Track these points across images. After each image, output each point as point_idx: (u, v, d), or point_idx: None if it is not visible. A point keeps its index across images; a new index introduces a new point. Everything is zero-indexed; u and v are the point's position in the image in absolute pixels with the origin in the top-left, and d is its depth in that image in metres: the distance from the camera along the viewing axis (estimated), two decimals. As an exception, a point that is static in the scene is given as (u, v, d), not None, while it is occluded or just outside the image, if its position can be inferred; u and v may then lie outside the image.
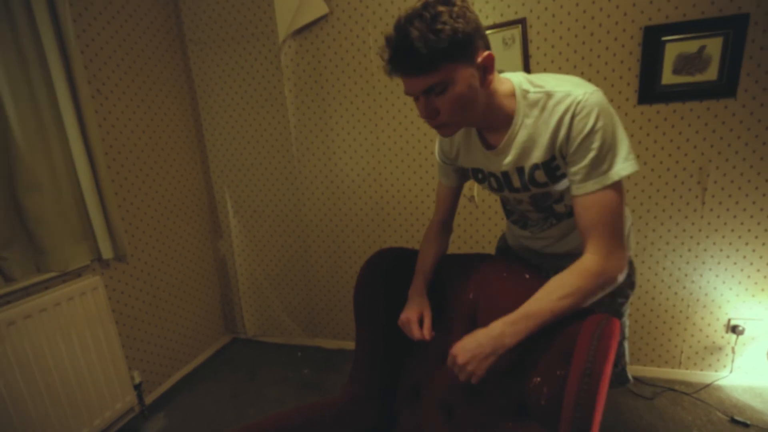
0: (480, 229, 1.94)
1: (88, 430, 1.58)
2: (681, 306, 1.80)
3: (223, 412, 1.86)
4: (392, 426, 1.01)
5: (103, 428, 1.66)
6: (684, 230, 1.72)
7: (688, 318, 1.80)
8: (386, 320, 1.05)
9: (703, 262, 1.73)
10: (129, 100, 1.83)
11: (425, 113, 0.74)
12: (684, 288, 1.78)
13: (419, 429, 0.93)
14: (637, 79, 1.62)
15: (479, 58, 0.70)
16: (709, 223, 1.69)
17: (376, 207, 2.08)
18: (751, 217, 1.64)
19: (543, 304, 0.73)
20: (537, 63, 1.70)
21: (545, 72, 1.63)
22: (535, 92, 0.76)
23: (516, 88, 0.77)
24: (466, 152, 0.92)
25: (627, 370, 1.04)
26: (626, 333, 1.04)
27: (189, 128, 2.20)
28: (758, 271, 1.68)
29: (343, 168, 2.07)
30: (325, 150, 2.08)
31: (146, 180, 1.93)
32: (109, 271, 1.75)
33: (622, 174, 0.70)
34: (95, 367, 1.63)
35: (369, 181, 2.05)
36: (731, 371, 1.79)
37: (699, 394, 1.74)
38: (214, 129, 2.23)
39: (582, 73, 1.66)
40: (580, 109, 0.70)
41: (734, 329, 1.74)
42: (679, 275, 1.77)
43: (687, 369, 1.85)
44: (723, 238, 1.68)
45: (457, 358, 0.76)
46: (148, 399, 1.92)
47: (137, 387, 1.82)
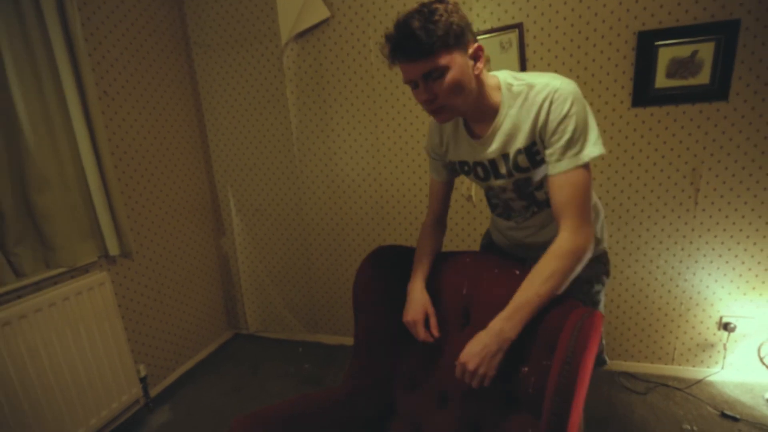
0: (477, 227, 1.98)
1: (96, 420, 1.63)
2: (674, 304, 1.84)
3: (226, 405, 1.91)
4: (391, 414, 1.05)
5: (110, 419, 1.71)
6: (677, 230, 1.76)
7: (681, 315, 1.84)
8: (384, 314, 1.09)
9: (695, 261, 1.77)
10: (135, 101, 1.88)
11: (425, 97, 0.80)
12: (677, 286, 1.81)
13: (416, 416, 0.98)
14: (632, 83, 1.65)
15: (470, 49, 0.80)
16: (701, 223, 1.72)
17: (375, 206, 2.12)
18: (743, 218, 1.67)
19: (529, 293, 0.79)
20: (534, 66, 1.74)
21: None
22: (518, 85, 0.85)
23: (501, 82, 0.87)
24: (454, 146, 1.00)
25: (604, 353, 1.10)
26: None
27: (193, 129, 2.25)
28: (749, 270, 1.71)
29: (344, 168, 2.12)
30: (325, 150, 2.12)
31: (151, 179, 1.97)
32: (116, 267, 1.80)
33: (592, 155, 0.80)
34: (102, 360, 1.67)
35: (369, 180, 2.09)
36: (723, 367, 1.83)
37: (691, 390, 1.78)
38: (217, 129, 2.28)
39: (578, 77, 1.70)
40: (558, 97, 0.79)
41: (726, 326, 1.78)
42: (673, 274, 1.81)
43: (680, 365, 1.89)
44: (715, 237, 1.72)
45: (468, 364, 0.79)
46: (153, 392, 1.97)
47: (143, 380, 1.87)
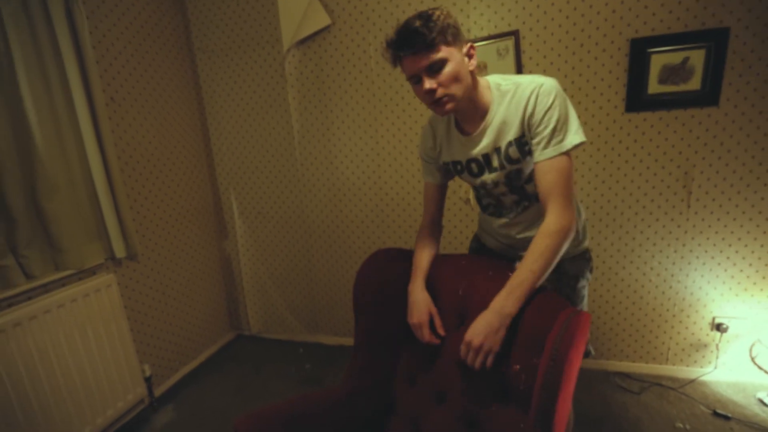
0: (475, 230, 2.01)
1: (102, 419, 1.67)
2: (668, 305, 1.87)
3: (229, 404, 1.95)
4: (391, 412, 1.09)
5: (116, 418, 1.75)
6: (670, 232, 1.80)
7: (674, 316, 1.88)
8: (384, 315, 1.13)
9: (688, 263, 1.81)
10: (140, 106, 1.92)
11: (429, 86, 0.87)
12: (671, 287, 1.85)
13: (415, 413, 1.01)
14: (625, 88, 1.70)
15: (464, 48, 0.90)
16: (694, 226, 1.76)
17: (375, 209, 2.16)
18: (734, 220, 1.71)
19: (523, 271, 0.87)
20: (530, 72, 1.78)
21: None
22: (506, 84, 0.95)
23: (491, 83, 0.97)
24: (447, 147, 1.07)
25: (589, 345, 1.13)
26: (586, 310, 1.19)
27: (196, 133, 2.29)
28: (741, 271, 1.75)
29: (344, 171, 2.16)
30: (327, 154, 2.16)
31: (156, 183, 2.02)
32: (122, 269, 1.84)
33: (574, 143, 0.89)
34: (108, 360, 1.71)
35: (369, 183, 2.13)
36: (716, 367, 1.86)
37: (684, 389, 1.82)
38: (220, 134, 2.32)
39: (572, 82, 1.74)
40: (543, 91, 0.89)
41: (718, 327, 1.81)
42: (666, 275, 1.84)
43: (674, 365, 1.93)
44: (707, 239, 1.76)
45: (473, 341, 0.84)
46: (158, 391, 2.01)
47: (147, 380, 1.91)
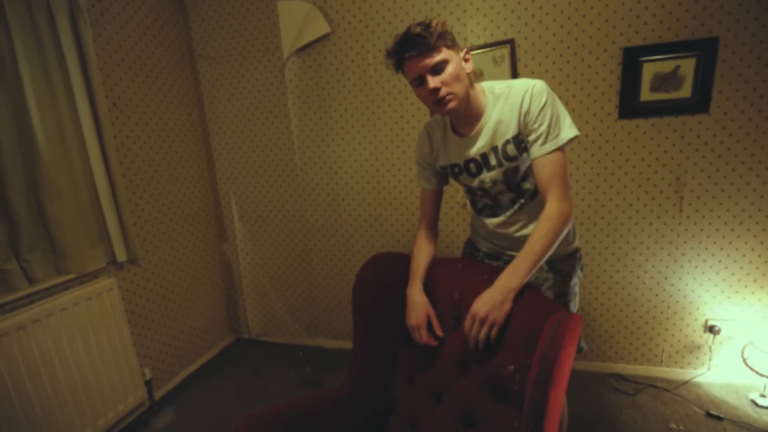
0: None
1: (103, 422, 1.69)
2: (662, 307, 1.90)
3: (229, 407, 1.96)
4: (390, 412, 1.11)
5: (116, 421, 1.76)
6: (663, 236, 1.83)
7: (668, 319, 1.91)
8: (382, 318, 1.16)
9: (681, 266, 1.84)
10: (142, 112, 1.95)
11: (433, 86, 0.93)
12: (664, 290, 1.88)
13: (414, 414, 1.04)
14: (618, 96, 1.74)
15: (461, 52, 0.97)
16: (686, 230, 1.80)
17: (374, 213, 2.19)
18: (725, 224, 1.75)
19: (527, 251, 0.93)
20: (525, 79, 1.82)
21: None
22: (500, 88, 1.02)
23: (485, 88, 1.04)
24: (444, 151, 1.12)
25: (581, 340, 1.16)
26: (578, 307, 1.22)
27: (197, 138, 2.32)
28: (733, 274, 1.79)
29: (343, 176, 2.19)
30: (326, 159, 2.19)
31: (157, 187, 2.04)
32: (123, 273, 1.86)
33: (569, 136, 0.96)
34: (109, 363, 1.73)
35: (368, 188, 2.16)
36: (709, 369, 1.89)
37: (678, 390, 1.85)
38: (221, 139, 2.35)
39: (567, 90, 1.78)
40: (535, 91, 0.96)
41: (711, 329, 1.84)
42: (660, 278, 1.88)
43: (668, 367, 1.95)
44: (700, 243, 1.80)
45: (479, 313, 0.89)
46: (158, 394, 2.02)
47: (148, 383, 1.92)
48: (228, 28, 2.16)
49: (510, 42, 1.77)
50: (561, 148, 0.96)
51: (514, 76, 1.81)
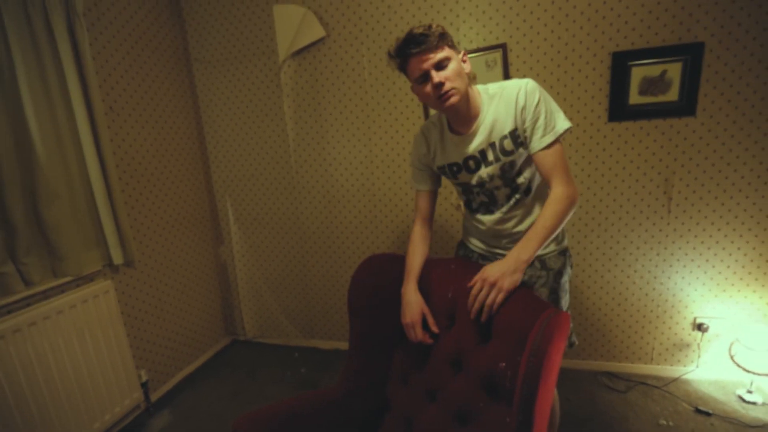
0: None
1: (99, 424, 1.69)
2: (651, 306, 1.94)
3: (225, 409, 1.97)
4: (385, 411, 1.13)
5: (113, 423, 1.76)
6: (653, 236, 1.87)
7: (658, 317, 1.95)
8: (378, 318, 1.18)
9: (670, 266, 1.88)
10: (138, 115, 1.96)
11: (437, 80, 0.98)
12: (654, 289, 1.92)
13: (409, 412, 1.06)
14: (608, 99, 1.78)
15: (460, 54, 1.04)
16: (675, 230, 1.84)
17: (369, 215, 2.21)
18: (712, 224, 1.79)
19: (537, 228, 0.99)
20: (517, 83, 1.85)
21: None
22: (493, 88, 1.09)
23: (480, 89, 1.10)
24: (442, 151, 1.17)
25: (573, 335, 1.21)
26: (569, 303, 1.25)
27: (193, 141, 2.33)
28: (720, 273, 1.83)
29: (339, 178, 2.21)
30: (321, 162, 2.21)
31: (153, 190, 2.05)
32: (119, 275, 1.86)
33: (564, 127, 1.03)
34: (106, 366, 1.73)
35: (363, 190, 2.19)
36: (698, 366, 1.94)
37: (668, 387, 1.88)
38: (216, 142, 2.36)
39: (558, 93, 1.81)
40: (528, 89, 1.02)
41: (700, 327, 1.89)
42: (649, 277, 1.92)
43: (658, 364, 1.99)
44: (687, 243, 1.84)
45: (489, 277, 0.94)
46: (154, 396, 2.02)
47: (144, 385, 1.93)
48: (224, 32, 2.17)
49: (502, 46, 1.81)
50: (558, 139, 1.03)
51: (507, 80, 1.84)
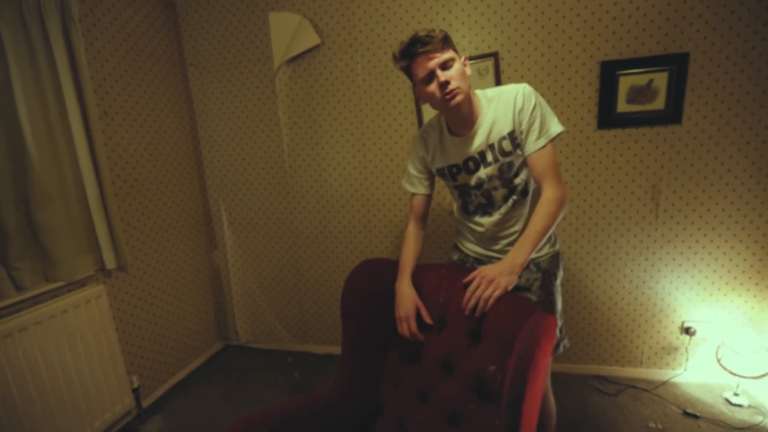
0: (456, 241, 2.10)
1: (90, 430, 1.67)
2: (640, 310, 1.98)
3: (217, 414, 1.96)
4: (378, 414, 1.14)
5: (103, 429, 1.75)
6: (641, 241, 1.91)
7: (647, 321, 1.98)
8: (370, 322, 1.19)
9: (658, 270, 1.92)
10: (133, 120, 1.97)
11: (443, 80, 1.02)
12: (643, 294, 1.96)
13: (401, 414, 1.07)
14: (597, 107, 1.82)
15: (462, 58, 1.08)
16: (662, 235, 1.88)
17: (363, 220, 2.23)
18: (699, 230, 1.83)
19: (530, 232, 1.04)
20: (508, 91, 1.89)
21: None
22: (491, 92, 1.14)
23: (479, 93, 1.15)
24: (441, 153, 1.21)
25: (565, 338, 1.24)
26: (561, 305, 1.27)
27: (187, 146, 2.33)
28: (706, 277, 1.87)
29: (332, 183, 2.23)
30: (315, 167, 2.23)
31: (147, 195, 2.05)
32: (111, 280, 1.85)
33: (558, 131, 1.08)
34: (97, 371, 1.72)
35: (356, 195, 2.20)
36: (686, 369, 1.97)
37: (657, 391, 1.91)
38: (211, 146, 2.37)
39: (548, 101, 1.84)
40: (525, 92, 1.08)
41: (687, 331, 1.92)
42: (638, 282, 1.95)
43: (647, 368, 2.02)
44: (675, 248, 1.88)
45: (487, 275, 0.98)
46: (146, 402, 2.01)
47: (135, 391, 1.91)
48: (219, 38, 2.19)
49: (494, 55, 1.85)
50: (551, 142, 1.08)
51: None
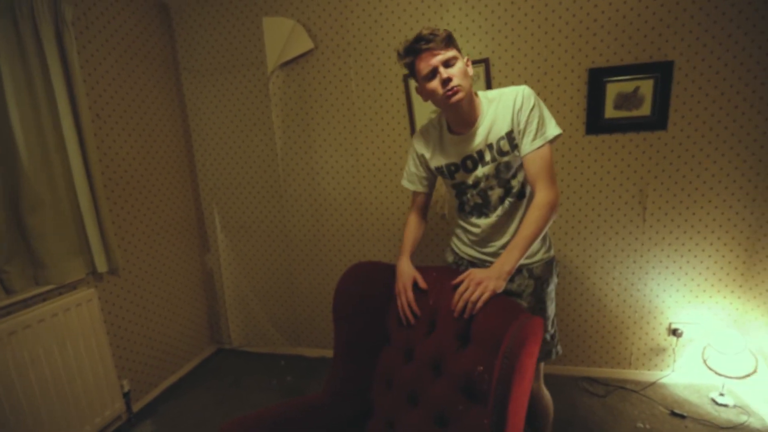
0: (449, 243, 2.12)
1: (80, 435, 1.66)
2: (629, 312, 2.01)
3: (209, 418, 1.95)
4: (369, 414, 1.15)
5: (93, 434, 1.74)
6: (629, 244, 1.94)
7: (635, 323, 2.01)
8: (362, 325, 1.20)
9: (646, 273, 1.95)
10: (126, 123, 1.96)
11: (445, 77, 1.04)
12: (631, 296, 1.99)
13: (392, 415, 1.08)
14: (585, 113, 1.85)
15: (464, 59, 1.10)
16: (650, 238, 1.91)
17: (355, 223, 2.24)
18: (685, 233, 1.87)
19: (519, 238, 1.05)
20: (499, 96, 1.92)
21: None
22: (492, 94, 1.16)
23: (480, 94, 1.18)
24: (440, 151, 1.23)
25: (558, 345, 1.27)
26: (555, 311, 1.29)
27: (180, 149, 2.33)
28: (692, 280, 1.91)
29: (326, 187, 2.24)
30: (309, 171, 2.24)
31: (139, 197, 2.04)
32: (103, 283, 1.85)
33: (555, 133, 1.09)
34: (87, 376, 1.71)
35: (349, 199, 2.22)
36: (673, 370, 2.00)
37: (645, 391, 1.94)
38: (204, 150, 2.37)
39: (538, 106, 1.88)
40: (525, 94, 1.10)
41: (675, 332, 1.95)
42: (627, 284, 1.98)
43: (636, 369, 2.05)
44: (662, 251, 1.91)
45: (475, 277, 1.00)
46: (136, 407, 1.99)
47: (126, 395, 1.90)
48: (213, 42, 2.20)
49: (485, 61, 1.88)
50: (548, 144, 1.09)
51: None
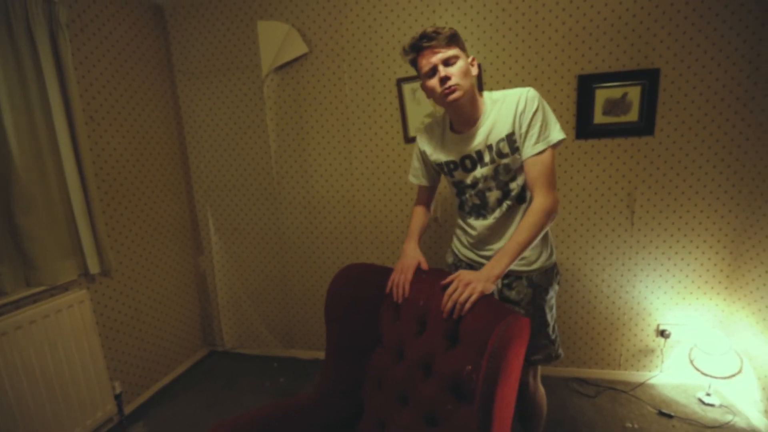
0: (443, 245, 2.15)
1: (71, 438, 1.65)
2: (618, 314, 2.04)
3: (202, 420, 1.95)
4: (360, 414, 1.16)
5: (84, 437, 1.73)
6: (618, 247, 1.98)
7: (624, 324, 2.05)
8: (354, 326, 1.22)
9: (634, 275, 1.99)
10: (119, 125, 1.97)
11: (443, 75, 1.05)
12: (620, 298, 2.02)
13: (382, 415, 1.10)
14: (575, 118, 1.89)
15: (468, 58, 1.11)
16: (638, 241, 1.95)
17: (349, 226, 2.26)
18: (672, 236, 1.91)
19: (511, 243, 1.05)
20: (490, 101, 1.95)
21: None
22: (497, 95, 1.16)
23: (484, 94, 1.18)
24: (441, 148, 1.25)
25: (559, 348, 1.28)
26: (555, 317, 1.30)
27: (174, 151, 2.34)
28: (680, 282, 1.95)
29: (319, 190, 2.25)
30: (302, 174, 2.26)
31: (132, 199, 2.04)
32: (95, 285, 1.84)
33: (558, 138, 1.08)
34: (78, 377, 1.71)
35: (343, 202, 2.23)
36: (662, 371, 2.03)
37: (634, 392, 1.97)
38: (198, 152, 2.38)
39: (528, 111, 1.92)
40: (529, 96, 1.09)
41: (662, 333, 1.99)
42: (615, 286, 2.02)
43: (625, 370, 2.08)
44: (650, 253, 1.95)
45: (464, 278, 1.00)
46: (128, 409, 1.99)
47: (117, 397, 1.89)
48: (208, 45, 2.21)
49: (477, 68, 1.91)
50: (550, 149, 1.08)
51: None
